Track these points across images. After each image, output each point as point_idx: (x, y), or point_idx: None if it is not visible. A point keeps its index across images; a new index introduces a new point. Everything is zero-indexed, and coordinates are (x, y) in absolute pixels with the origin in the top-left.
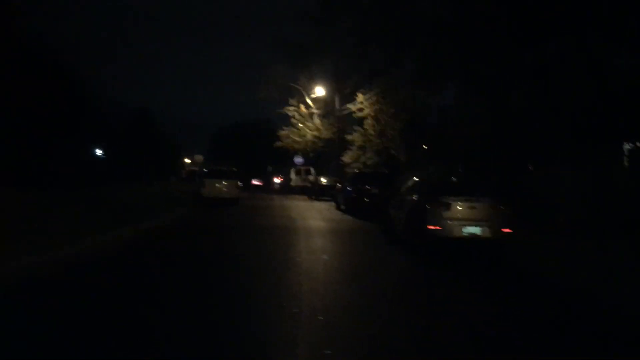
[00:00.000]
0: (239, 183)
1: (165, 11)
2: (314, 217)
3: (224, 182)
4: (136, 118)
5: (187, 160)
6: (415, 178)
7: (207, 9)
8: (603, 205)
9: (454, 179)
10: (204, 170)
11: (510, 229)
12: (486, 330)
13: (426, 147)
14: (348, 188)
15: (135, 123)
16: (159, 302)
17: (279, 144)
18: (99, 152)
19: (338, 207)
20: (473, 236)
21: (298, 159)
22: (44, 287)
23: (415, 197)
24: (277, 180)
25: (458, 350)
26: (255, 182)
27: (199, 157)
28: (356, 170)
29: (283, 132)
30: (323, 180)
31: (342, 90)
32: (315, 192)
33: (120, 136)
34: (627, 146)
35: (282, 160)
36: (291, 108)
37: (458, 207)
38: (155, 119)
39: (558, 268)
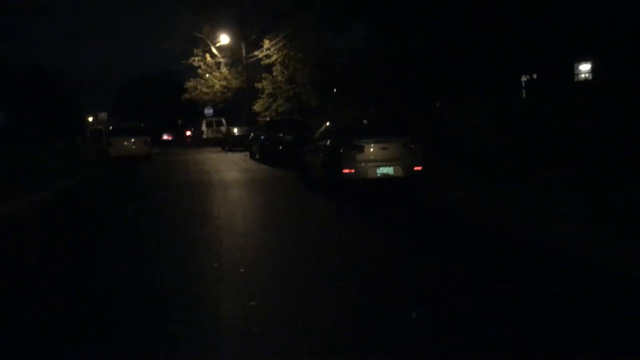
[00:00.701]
0: (148, 139)
1: None
2: (230, 168)
3: (132, 140)
4: (29, 77)
5: (90, 119)
6: (328, 123)
7: None
8: (507, 135)
9: (365, 121)
10: (110, 128)
11: (421, 166)
12: (401, 261)
13: (336, 91)
14: (261, 137)
15: (29, 82)
16: (77, 264)
17: (187, 96)
18: None
19: (253, 157)
20: (386, 176)
21: (208, 110)
22: None
23: (329, 142)
24: (187, 133)
25: (377, 285)
26: (165, 136)
27: (103, 115)
28: (268, 119)
29: (190, 84)
30: (235, 130)
31: (249, 36)
32: (229, 143)
33: (12, 95)
34: (524, 78)
35: (192, 112)
36: (197, 58)
37: (371, 149)
38: (52, 76)
39: (468, 201)
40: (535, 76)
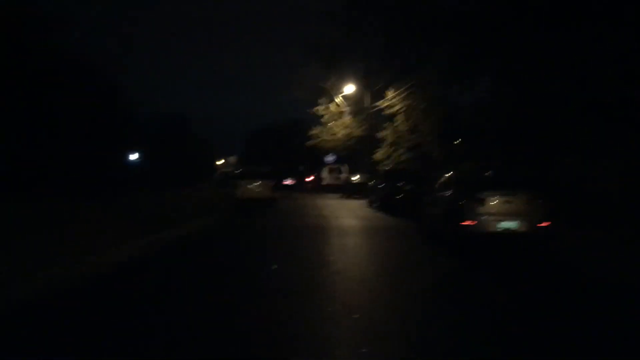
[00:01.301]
0: (274, 183)
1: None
2: (347, 215)
3: (257, 183)
4: (174, 124)
5: (222, 161)
6: (449, 174)
7: (234, 10)
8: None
9: (488, 173)
10: (237, 171)
11: (547, 222)
12: (515, 327)
13: (459, 143)
14: (380, 185)
15: (173, 129)
16: (199, 304)
17: (310, 143)
18: (136, 156)
19: (370, 205)
20: (508, 231)
21: (329, 158)
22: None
23: (450, 193)
24: (307, 179)
25: (494, 350)
26: (287, 182)
27: (233, 159)
28: (388, 168)
29: (315, 132)
30: (355, 178)
31: (373, 87)
32: (347, 190)
33: (158, 142)
34: None
35: (315, 159)
36: (322, 107)
37: (493, 202)
38: (191, 124)
39: (599, 261)
40: None
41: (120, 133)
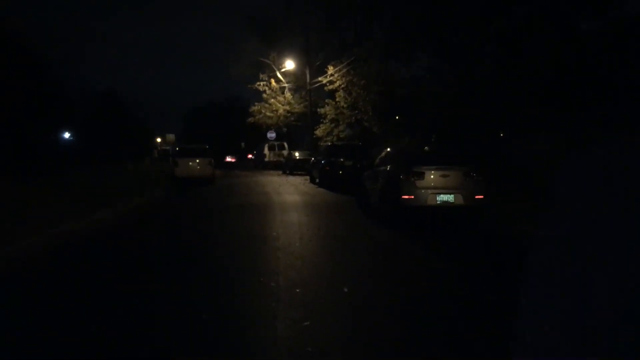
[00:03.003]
0: (212, 161)
1: None
2: (289, 191)
3: (197, 161)
4: (103, 100)
5: (159, 140)
6: (388, 149)
7: None
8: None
9: (426, 148)
10: (176, 149)
11: (483, 195)
12: (459, 291)
13: (399, 118)
14: (322, 161)
15: (102, 105)
16: (144, 282)
17: (251, 120)
18: (67, 135)
19: (312, 181)
20: (446, 204)
21: (271, 134)
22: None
23: (389, 168)
24: (248, 156)
25: (436, 319)
26: (228, 159)
27: (171, 137)
28: (329, 143)
29: (255, 108)
30: (297, 154)
31: (313, 63)
32: (290, 167)
33: (88, 119)
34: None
35: (255, 136)
36: (262, 83)
37: (431, 176)
38: (124, 100)
39: (528, 232)
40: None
41: (47, 110)
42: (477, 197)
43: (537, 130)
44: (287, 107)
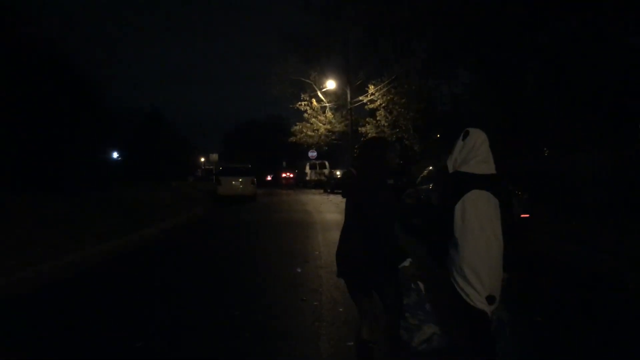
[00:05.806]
0: (254, 179)
1: (168, 12)
2: (331, 210)
3: (239, 180)
4: (148, 119)
5: (202, 160)
6: (430, 167)
7: (207, 5)
8: (621, 188)
9: None
10: (220, 168)
11: (528, 214)
12: None
13: (440, 136)
14: None
15: (147, 124)
16: (181, 297)
17: (292, 139)
18: (116, 155)
19: None
20: None
21: (312, 153)
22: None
23: (430, 187)
24: (290, 175)
25: None
26: (269, 177)
27: (214, 156)
28: None
29: (296, 127)
30: (337, 173)
31: (353, 82)
32: (330, 186)
33: (135, 139)
34: None
35: (296, 155)
36: (303, 103)
37: None
38: (168, 119)
39: (576, 250)
40: None
41: (100, 130)
42: (522, 215)
43: (582, 148)
44: (328, 126)
